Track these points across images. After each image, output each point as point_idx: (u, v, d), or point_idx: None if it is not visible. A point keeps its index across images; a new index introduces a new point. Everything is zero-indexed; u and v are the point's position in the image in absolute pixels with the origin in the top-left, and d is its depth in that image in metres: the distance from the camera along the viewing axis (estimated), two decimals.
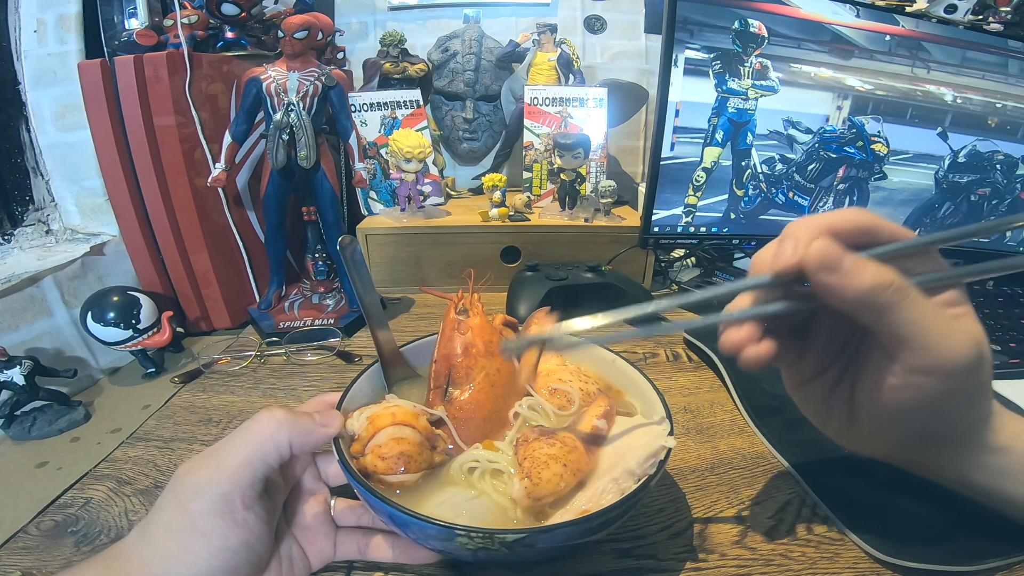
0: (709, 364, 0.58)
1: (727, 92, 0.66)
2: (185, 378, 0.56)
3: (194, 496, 0.27)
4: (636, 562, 0.34)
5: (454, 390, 0.37)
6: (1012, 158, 0.72)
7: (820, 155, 0.70)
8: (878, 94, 0.69)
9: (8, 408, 0.50)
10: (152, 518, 0.27)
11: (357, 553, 0.34)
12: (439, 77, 0.99)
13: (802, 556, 0.35)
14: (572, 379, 0.39)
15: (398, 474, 0.31)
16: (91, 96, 0.61)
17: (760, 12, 0.64)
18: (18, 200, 0.73)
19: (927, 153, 0.71)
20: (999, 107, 0.70)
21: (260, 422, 0.30)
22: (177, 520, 0.26)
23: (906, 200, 0.73)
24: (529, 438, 0.32)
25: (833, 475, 0.40)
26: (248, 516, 0.28)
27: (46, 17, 0.70)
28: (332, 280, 0.73)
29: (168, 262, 0.68)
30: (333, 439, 0.31)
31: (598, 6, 1.03)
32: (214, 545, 0.26)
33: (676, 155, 0.68)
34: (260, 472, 0.28)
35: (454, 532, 0.26)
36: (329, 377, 0.57)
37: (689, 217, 0.71)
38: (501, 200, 0.77)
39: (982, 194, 0.73)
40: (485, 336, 0.38)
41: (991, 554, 0.33)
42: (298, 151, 0.61)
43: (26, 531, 0.37)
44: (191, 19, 0.65)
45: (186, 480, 0.27)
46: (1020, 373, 0.55)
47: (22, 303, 0.56)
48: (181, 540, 0.26)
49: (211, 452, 0.29)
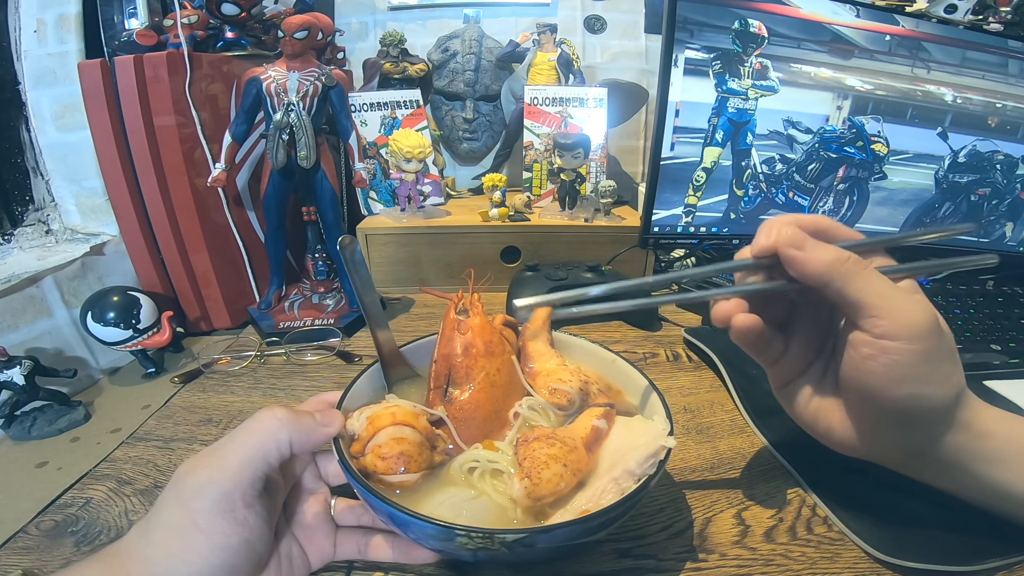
0: (709, 364, 0.58)
1: (727, 92, 0.66)
2: (185, 378, 0.56)
3: (195, 495, 0.27)
4: (636, 562, 0.34)
5: (454, 390, 0.37)
6: (1012, 158, 0.72)
7: (820, 155, 0.70)
8: (878, 94, 0.69)
9: (8, 408, 0.50)
10: (152, 517, 0.27)
11: (357, 553, 0.34)
12: (439, 77, 0.99)
13: (802, 556, 0.35)
14: (572, 379, 0.39)
15: (398, 474, 0.31)
16: (91, 96, 0.61)
17: (760, 12, 0.64)
18: (18, 200, 0.73)
19: (927, 153, 0.71)
20: (999, 107, 0.70)
21: (261, 421, 0.30)
22: (178, 518, 0.26)
23: (906, 200, 0.73)
24: (529, 438, 0.32)
25: (833, 475, 0.40)
26: (249, 515, 0.28)
27: (46, 17, 0.70)
28: (332, 280, 0.73)
29: (168, 262, 0.68)
30: (333, 439, 0.31)
31: (598, 6, 1.03)
32: (215, 543, 0.26)
33: (676, 155, 0.68)
34: (261, 471, 0.29)
35: (454, 532, 0.26)
36: (329, 377, 0.57)
37: (689, 217, 0.71)
38: (501, 200, 0.77)
39: (982, 194, 0.73)
40: (485, 336, 0.38)
41: (991, 554, 0.33)
42: (298, 151, 0.61)
43: (26, 531, 0.37)
44: (191, 19, 0.65)
45: (187, 479, 0.27)
46: (1020, 373, 0.55)
47: (22, 303, 0.56)
48: (182, 538, 0.26)
49: (212, 451, 0.29)
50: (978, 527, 0.34)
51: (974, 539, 0.34)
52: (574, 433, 0.34)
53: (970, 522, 0.34)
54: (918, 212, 0.74)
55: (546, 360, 0.41)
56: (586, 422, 0.35)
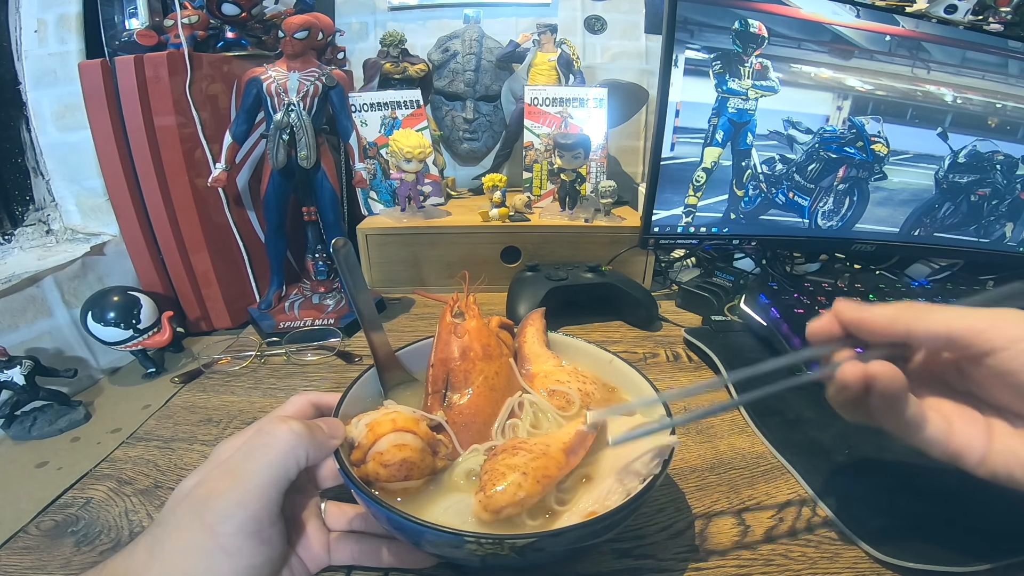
0: (709, 364, 0.58)
1: (727, 92, 0.66)
2: (185, 378, 0.56)
3: (223, 519, 0.26)
4: (636, 562, 0.34)
5: (452, 394, 0.37)
6: (1012, 158, 0.72)
7: (820, 155, 0.70)
8: (878, 94, 0.69)
9: (8, 408, 0.50)
10: (165, 538, 0.26)
11: (351, 558, 0.33)
12: (439, 77, 0.99)
13: (802, 556, 0.35)
14: (570, 380, 0.39)
15: (401, 481, 0.31)
16: (91, 96, 0.61)
17: (760, 12, 0.64)
18: (18, 200, 0.73)
19: (927, 153, 0.71)
20: (999, 107, 0.70)
21: (278, 436, 0.29)
22: (201, 541, 0.26)
23: (906, 200, 0.73)
24: (498, 450, 0.32)
25: (833, 475, 0.40)
26: (273, 532, 0.28)
27: (46, 17, 0.70)
28: (332, 280, 0.73)
29: (168, 262, 0.68)
30: None
31: (598, 6, 1.03)
32: (240, 565, 0.26)
33: (676, 155, 0.68)
34: (283, 488, 0.28)
35: (464, 539, 0.26)
36: (329, 377, 0.57)
37: (689, 217, 0.71)
38: (501, 200, 0.77)
39: (982, 194, 0.73)
40: (482, 339, 0.38)
41: (991, 554, 0.33)
42: (298, 151, 0.61)
43: (26, 531, 0.37)
44: (191, 19, 0.65)
45: (211, 502, 0.26)
46: None
47: (22, 303, 0.56)
48: (205, 562, 0.25)
49: (231, 470, 0.28)
50: (978, 527, 0.34)
51: (974, 539, 0.34)
52: (551, 439, 0.33)
53: (970, 522, 0.34)
54: (918, 212, 0.74)
55: (543, 362, 0.41)
56: (571, 427, 0.34)
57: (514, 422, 0.36)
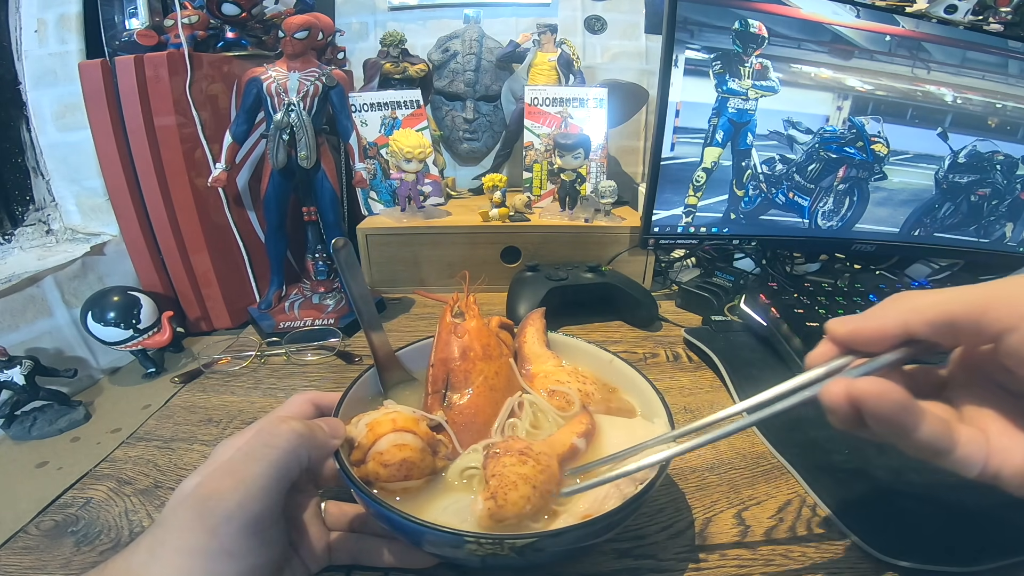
0: (709, 364, 0.58)
1: (727, 92, 0.66)
2: (185, 378, 0.56)
3: (225, 520, 0.26)
4: (636, 562, 0.34)
5: (452, 394, 0.37)
6: (1012, 158, 0.72)
7: (820, 155, 0.70)
8: (878, 94, 0.69)
9: (8, 408, 0.50)
10: (167, 537, 0.26)
11: (350, 558, 0.33)
12: (439, 77, 0.99)
13: (802, 556, 0.35)
14: (570, 380, 0.39)
15: (401, 481, 0.31)
16: (92, 96, 0.61)
17: (760, 12, 0.64)
18: (18, 200, 0.73)
19: (927, 153, 0.71)
20: (999, 107, 0.70)
21: (280, 436, 0.29)
22: (203, 543, 0.25)
23: (906, 200, 0.73)
24: (501, 451, 0.31)
25: (833, 475, 0.40)
26: (274, 533, 0.28)
27: (47, 17, 0.70)
28: (332, 280, 0.73)
29: (168, 262, 0.68)
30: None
31: (598, 6, 1.03)
32: (243, 566, 0.26)
33: (676, 155, 0.68)
34: (285, 489, 0.28)
35: (464, 539, 0.26)
36: (329, 377, 0.57)
37: (689, 217, 0.71)
38: (501, 200, 0.76)
39: (982, 194, 0.73)
40: (482, 339, 0.38)
41: (991, 554, 0.33)
42: (298, 151, 0.61)
43: (26, 531, 0.37)
44: (191, 19, 0.65)
45: (212, 504, 0.26)
46: None
47: (22, 303, 0.56)
48: (205, 562, 0.25)
49: (232, 469, 0.28)
50: (978, 527, 0.34)
51: (974, 539, 0.34)
52: (552, 449, 0.33)
53: (970, 522, 0.34)
54: (918, 212, 0.74)
55: (543, 362, 0.41)
56: (565, 438, 0.34)
57: (514, 422, 0.36)
